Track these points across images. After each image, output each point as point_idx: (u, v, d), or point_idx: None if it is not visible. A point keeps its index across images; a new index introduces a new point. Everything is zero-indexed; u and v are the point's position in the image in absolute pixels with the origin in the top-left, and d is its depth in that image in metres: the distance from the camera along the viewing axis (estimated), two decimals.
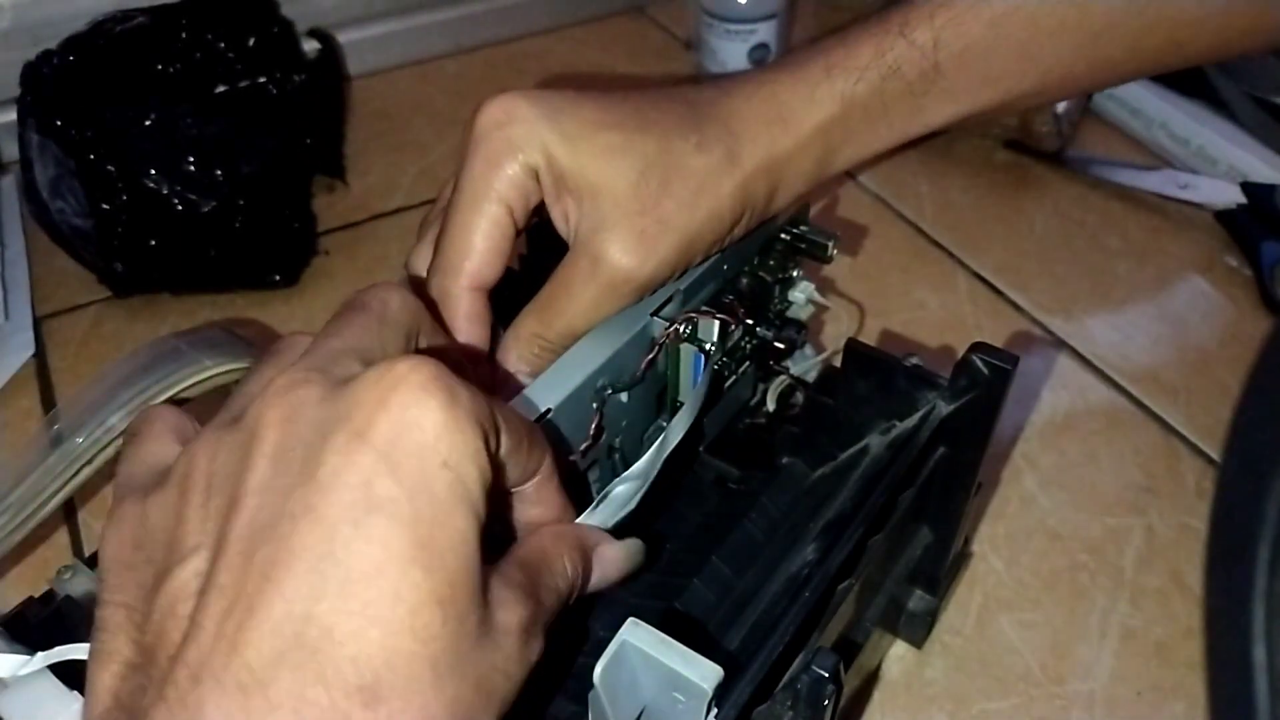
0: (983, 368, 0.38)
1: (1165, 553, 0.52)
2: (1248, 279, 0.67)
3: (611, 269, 0.34)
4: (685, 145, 0.35)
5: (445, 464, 0.23)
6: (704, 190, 0.35)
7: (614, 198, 0.34)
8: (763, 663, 0.30)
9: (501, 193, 0.34)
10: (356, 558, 0.22)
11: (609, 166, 0.34)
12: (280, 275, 0.66)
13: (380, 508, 0.22)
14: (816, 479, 0.41)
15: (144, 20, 0.64)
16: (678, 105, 0.36)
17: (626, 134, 0.35)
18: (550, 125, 0.34)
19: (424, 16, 0.90)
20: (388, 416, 0.23)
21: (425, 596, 0.22)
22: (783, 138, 0.37)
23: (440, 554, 0.23)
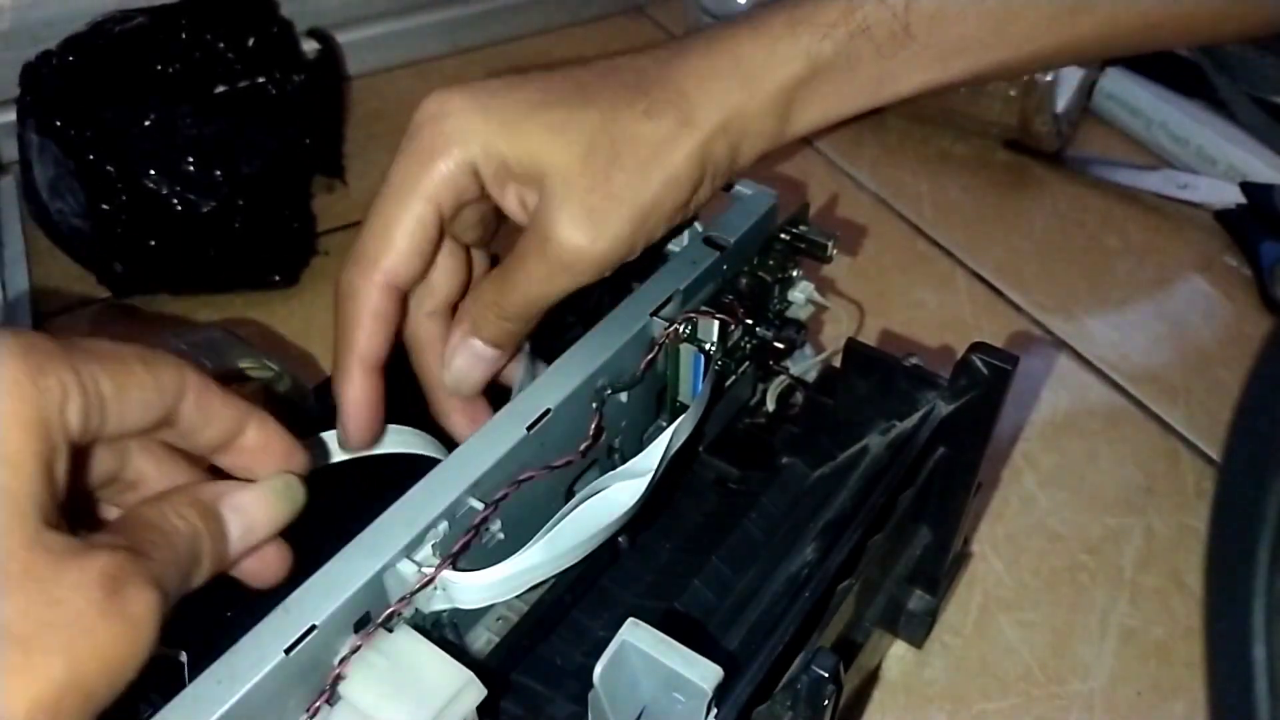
0: (982, 368, 0.38)
1: (1165, 553, 0.52)
2: (1247, 279, 0.67)
3: (561, 247, 0.33)
4: (632, 113, 0.34)
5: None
6: (656, 158, 0.34)
7: (562, 176, 0.33)
8: (762, 663, 0.30)
9: (430, 190, 0.33)
10: None
11: (553, 145, 0.33)
12: (280, 275, 0.66)
13: None
14: (816, 479, 0.41)
15: (143, 20, 0.64)
16: (624, 74, 0.35)
17: (569, 110, 0.33)
18: (486, 115, 0.33)
19: (423, 16, 0.90)
20: None
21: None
22: (741, 94, 0.35)
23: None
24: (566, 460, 0.34)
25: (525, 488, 0.32)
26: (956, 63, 0.38)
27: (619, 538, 0.39)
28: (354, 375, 0.34)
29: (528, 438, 0.32)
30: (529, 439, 0.32)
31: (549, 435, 0.33)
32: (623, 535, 0.39)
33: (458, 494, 0.30)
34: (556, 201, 0.33)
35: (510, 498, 0.31)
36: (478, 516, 0.30)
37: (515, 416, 0.32)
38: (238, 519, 0.28)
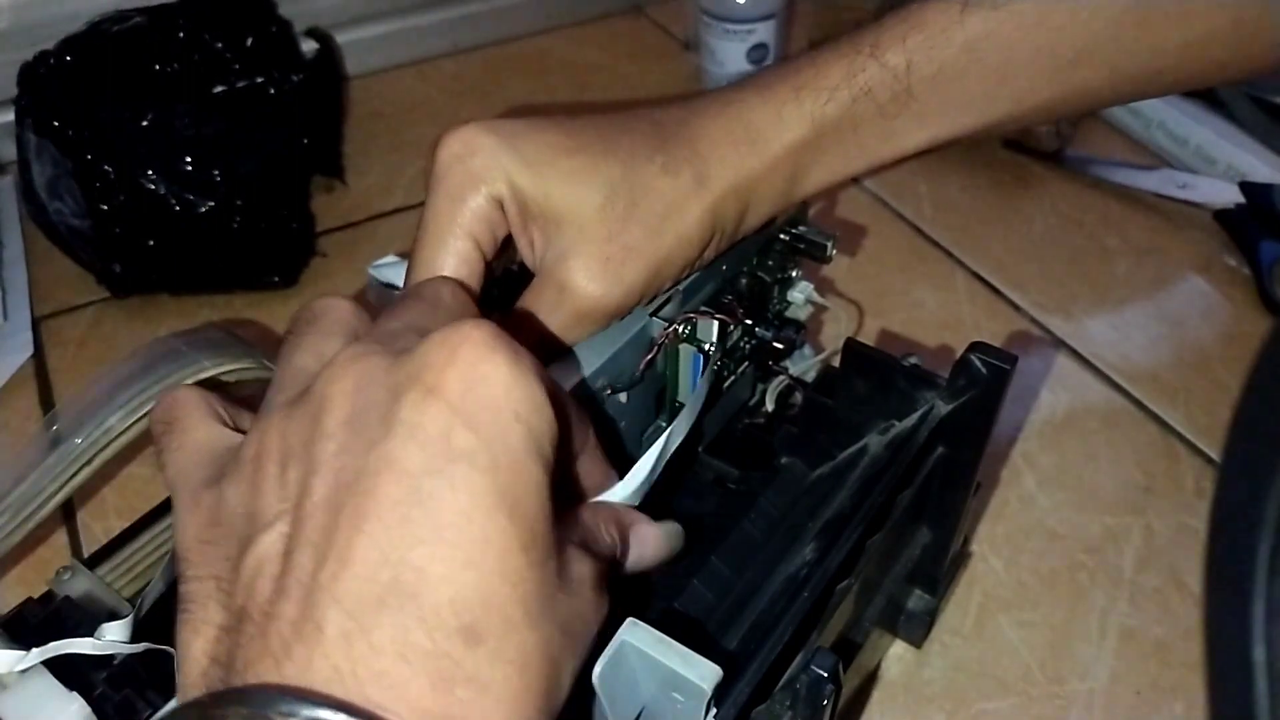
0: (981, 367, 0.38)
1: (1164, 552, 0.52)
2: (1246, 278, 0.67)
3: (577, 297, 0.34)
4: (651, 168, 0.34)
5: (517, 416, 0.24)
6: (671, 214, 0.34)
7: (578, 224, 0.33)
8: (762, 662, 0.30)
9: (467, 227, 0.33)
10: (444, 505, 0.23)
11: (573, 192, 0.33)
12: (279, 276, 0.66)
13: (461, 457, 0.23)
14: (815, 479, 0.41)
15: (141, 21, 0.64)
16: (643, 126, 0.36)
17: (591, 158, 0.34)
18: (511, 153, 0.33)
19: (422, 16, 0.90)
20: (458, 372, 0.23)
21: (511, 542, 0.23)
22: (751, 159, 0.36)
23: (520, 502, 0.23)
24: None
25: None
26: (960, 118, 0.38)
27: None
28: None
29: None
30: None
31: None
32: None
33: None
34: (574, 250, 0.33)
35: None
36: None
37: None
38: (637, 547, 0.30)
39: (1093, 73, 0.38)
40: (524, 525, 0.23)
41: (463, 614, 0.22)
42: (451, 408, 0.23)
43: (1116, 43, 0.37)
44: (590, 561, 0.26)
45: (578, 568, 0.26)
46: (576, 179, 0.34)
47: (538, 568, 0.24)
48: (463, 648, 0.22)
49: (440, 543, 0.22)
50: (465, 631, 0.22)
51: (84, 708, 0.31)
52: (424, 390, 0.23)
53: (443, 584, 0.22)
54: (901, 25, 0.37)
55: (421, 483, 0.23)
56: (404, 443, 0.23)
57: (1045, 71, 0.38)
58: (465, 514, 0.23)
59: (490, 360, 0.24)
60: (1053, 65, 0.37)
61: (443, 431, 0.23)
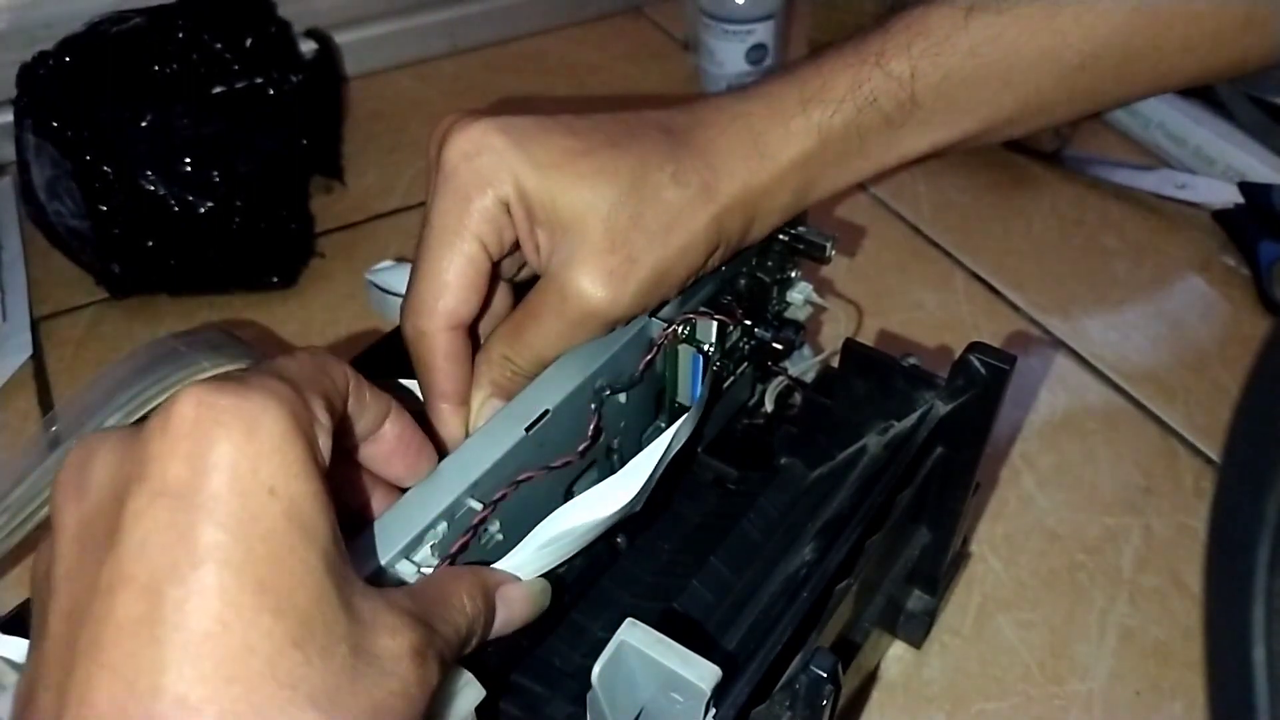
0: (980, 368, 0.38)
1: (1164, 553, 0.52)
2: (1245, 278, 0.67)
3: (580, 305, 0.33)
4: (661, 176, 0.34)
5: (271, 491, 0.21)
6: (677, 224, 0.34)
7: (584, 231, 0.33)
8: (761, 663, 0.30)
9: (474, 229, 0.33)
10: (194, 616, 0.20)
11: (580, 198, 0.33)
12: (278, 276, 0.66)
13: (207, 557, 0.20)
14: (814, 479, 0.41)
15: (140, 21, 0.64)
16: (653, 132, 0.35)
17: (599, 163, 0.33)
18: (520, 155, 0.33)
19: (421, 17, 0.90)
20: (184, 460, 0.21)
21: (281, 642, 0.20)
22: (759, 172, 0.36)
23: (287, 593, 0.21)
24: (565, 461, 0.34)
25: (524, 488, 0.32)
26: (964, 122, 0.38)
27: (617, 538, 0.39)
28: (444, 414, 0.34)
29: (526, 438, 0.32)
30: (528, 440, 0.32)
31: (548, 436, 0.33)
32: (621, 536, 0.39)
33: (456, 495, 0.30)
34: (579, 257, 0.33)
35: (509, 498, 0.31)
36: (476, 517, 0.30)
37: (514, 417, 0.32)
38: (504, 609, 0.29)
39: (1099, 75, 0.38)
40: (294, 619, 0.21)
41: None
42: (184, 502, 0.20)
43: (1123, 45, 0.37)
44: (411, 633, 0.24)
45: (389, 642, 0.23)
46: (584, 184, 0.33)
47: (320, 659, 0.21)
48: None
49: (196, 660, 0.20)
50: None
51: None
52: (148, 491, 0.21)
53: (205, 705, 0.19)
54: (906, 32, 0.37)
55: (163, 595, 0.20)
56: (134, 555, 0.20)
57: (1051, 75, 0.37)
58: (220, 622, 0.20)
59: (220, 437, 0.21)
60: (1058, 69, 0.37)
61: (179, 533, 0.20)
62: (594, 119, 0.35)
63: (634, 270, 0.33)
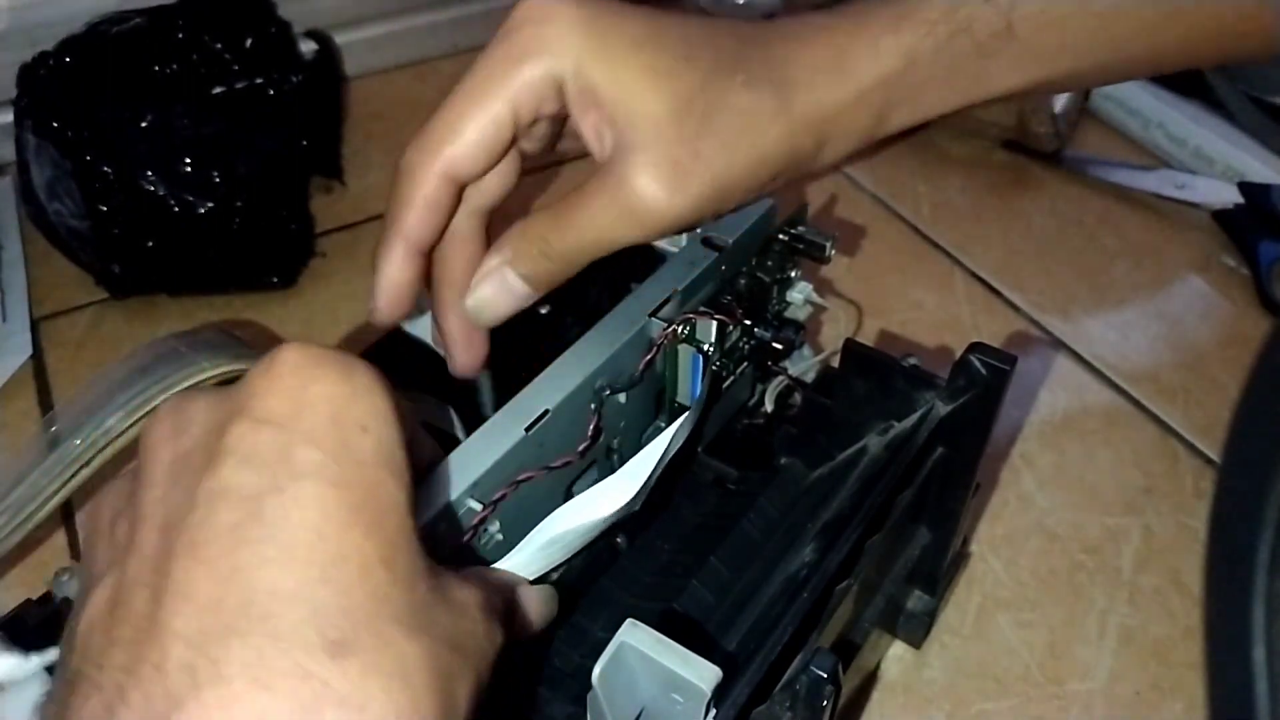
0: (981, 368, 0.38)
1: (1164, 553, 0.52)
2: (1245, 279, 0.67)
3: (637, 196, 0.32)
4: (732, 81, 0.32)
5: (364, 428, 0.22)
6: (747, 131, 0.32)
7: (651, 121, 0.31)
8: (761, 663, 0.30)
9: (512, 92, 0.31)
10: (291, 523, 0.21)
11: (649, 89, 0.31)
12: (278, 277, 0.66)
13: (306, 473, 0.21)
14: (815, 479, 0.41)
15: (141, 21, 0.63)
16: (728, 38, 0.33)
17: (673, 59, 0.32)
18: (589, 33, 0.31)
19: (421, 17, 0.90)
20: (284, 395, 0.22)
21: (371, 558, 0.21)
22: (839, 88, 0.34)
23: (378, 518, 0.22)
24: (565, 461, 0.34)
25: (524, 488, 0.32)
26: (1056, 64, 0.36)
27: (617, 538, 0.39)
28: (395, 253, 0.33)
29: (526, 439, 0.32)
30: (527, 440, 0.32)
31: (547, 436, 0.33)
32: (621, 536, 0.39)
33: (456, 495, 0.30)
34: (641, 148, 0.31)
35: (509, 498, 0.31)
36: (476, 517, 0.30)
37: (513, 417, 0.32)
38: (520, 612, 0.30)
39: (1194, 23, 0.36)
40: (383, 541, 0.22)
41: (326, 629, 0.20)
42: (284, 429, 0.22)
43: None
44: (480, 590, 0.25)
45: (460, 593, 0.24)
46: (654, 76, 0.31)
47: (405, 585, 0.22)
48: (330, 665, 0.20)
49: (291, 561, 0.21)
50: (331, 647, 0.20)
51: None
52: (250, 419, 0.22)
53: (298, 602, 0.20)
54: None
55: (263, 503, 0.21)
56: (235, 469, 0.21)
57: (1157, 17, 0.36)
58: (316, 530, 0.21)
59: (320, 378, 0.22)
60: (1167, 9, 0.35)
61: (280, 452, 0.21)
62: (669, 16, 0.33)
63: (699, 171, 0.32)
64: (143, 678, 0.20)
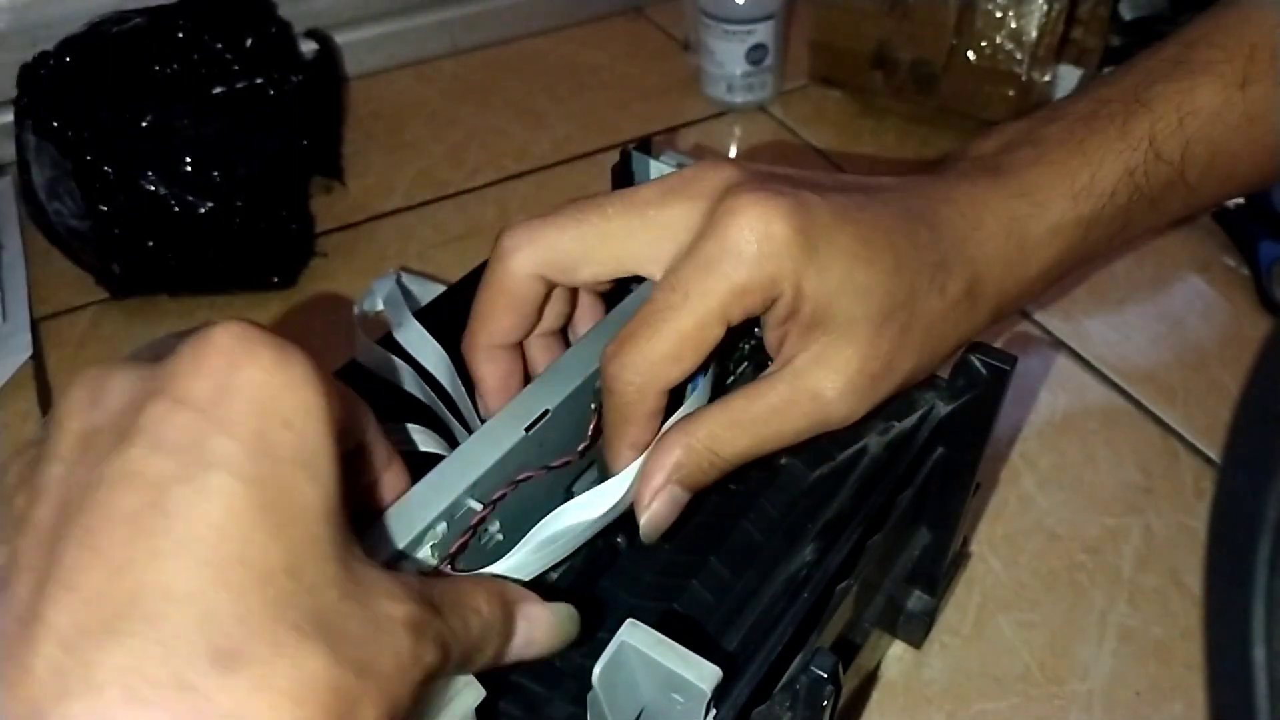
0: (981, 368, 0.38)
1: (1164, 553, 0.52)
2: (1245, 279, 0.67)
3: (829, 408, 0.32)
4: (931, 287, 0.33)
5: (287, 423, 0.21)
6: (942, 340, 0.34)
7: (852, 338, 0.32)
8: (761, 663, 0.30)
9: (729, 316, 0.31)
10: (194, 515, 0.19)
11: (857, 306, 0.31)
12: (278, 276, 0.66)
13: (218, 464, 0.20)
14: (815, 479, 0.41)
15: (141, 21, 0.64)
16: (923, 230, 0.33)
17: (881, 274, 0.32)
18: (808, 257, 0.30)
19: (422, 17, 0.90)
20: (209, 378, 0.21)
21: (274, 562, 0.20)
22: (1022, 274, 0.35)
23: (287, 520, 0.20)
24: (565, 461, 0.34)
25: (524, 488, 0.32)
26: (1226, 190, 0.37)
27: (618, 538, 0.39)
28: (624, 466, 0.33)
29: (526, 439, 0.32)
30: (528, 440, 0.32)
31: (548, 436, 0.33)
32: (621, 536, 0.39)
33: (456, 495, 0.30)
34: (838, 361, 0.32)
35: (508, 498, 0.31)
36: (476, 517, 0.30)
37: (514, 417, 0.32)
38: (525, 628, 0.28)
39: None
40: (291, 546, 0.20)
41: (215, 637, 0.19)
42: (203, 415, 0.20)
43: None
44: (413, 606, 0.23)
45: (386, 605, 0.22)
46: (863, 295, 0.32)
47: (311, 594, 0.20)
48: (214, 678, 0.19)
49: (187, 558, 0.19)
50: (218, 656, 0.19)
51: None
52: (169, 399, 0.20)
53: (188, 603, 0.19)
54: (1175, 111, 0.35)
55: (168, 492, 0.20)
56: (145, 451, 0.20)
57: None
58: (219, 528, 0.19)
59: (251, 362, 0.21)
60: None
61: (194, 438, 0.20)
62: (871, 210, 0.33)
63: (887, 381, 0.33)
64: (9, 680, 0.19)
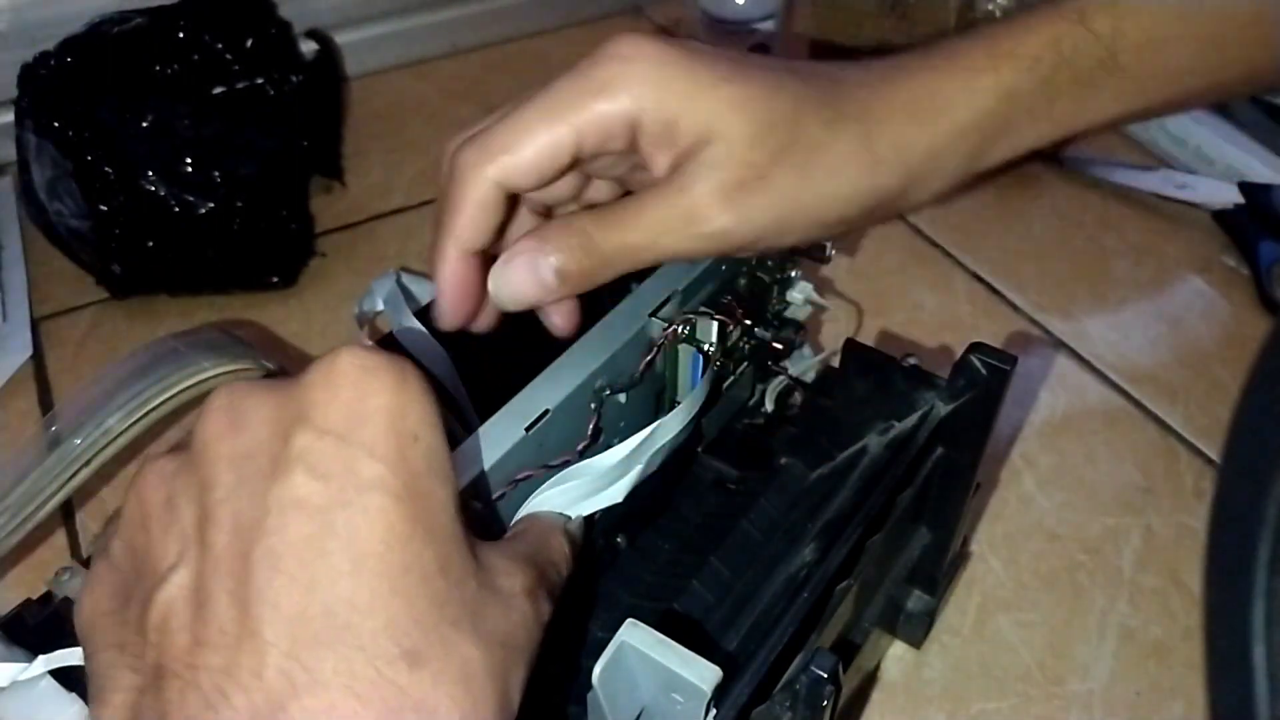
0: (981, 368, 0.38)
1: (1163, 553, 0.52)
2: (1245, 279, 0.67)
3: (693, 204, 0.31)
4: (815, 119, 0.32)
5: (416, 437, 0.24)
6: (822, 167, 0.32)
7: (726, 144, 0.31)
8: (761, 663, 0.30)
9: (582, 121, 0.31)
10: (361, 537, 0.22)
11: (729, 118, 0.31)
12: (278, 276, 0.66)
13: (371, 486, 0.23)
14: (815, 479, 0.41)
15: (141, 21, 0.64)
16: (818, 79, 0.33)
17: (757, 91, 0.31)
18: (676, 71, 0.31)
19: (422, 17, 0.90)
20: (344, 406, 0.23)
21: (430, 566, 0.23)
22: (930, 130, 0.33)
23: (432, 525, 0.24)
24: (564, 460, 0.34)
25: (523, 487, 0.32)
26: (1158, 91, 0.36)
27: (618, 538, 0.39)
28: (450, 255, 0.32)
29: (526, 438, 0.32)
30: (527, 439, 0.32)
31: (547, 435, 0.33)
32: (621, 536, 0.39)
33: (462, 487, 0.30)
34: (710, 163, 0.31)
35: (508, 497, 0.31)
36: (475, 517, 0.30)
37: (514, 417, 0.32)
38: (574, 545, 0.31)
39: None
40: (439, 548, 0.23)
41: (401, 639, 0.22)
42: (346, 441, 0.23)
43: None
44: (523, 575, 0.26)
45: (505, 581, 0.26)
46: (737, 108, 0.31)
47: (459, 587, 0.24)
48: (407, 673, 0.22)
49: (364, 573, 0.22)
50: (407, 656, 0.22)
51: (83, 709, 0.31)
52: (313, 429, 0.23)
53: (374, 613, 0.22)
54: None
55: (333, 516, 0.22)
56: (305, 480, 0.23)
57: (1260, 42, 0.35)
58: (384, 542, 0.23)
59: (377, 390, 0.24)
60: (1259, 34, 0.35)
61: (345, 465, 0.23)
62: (755, 57, 0.33)
63: (764, 193, 0.31)
64: (243, 682, 0.21)
